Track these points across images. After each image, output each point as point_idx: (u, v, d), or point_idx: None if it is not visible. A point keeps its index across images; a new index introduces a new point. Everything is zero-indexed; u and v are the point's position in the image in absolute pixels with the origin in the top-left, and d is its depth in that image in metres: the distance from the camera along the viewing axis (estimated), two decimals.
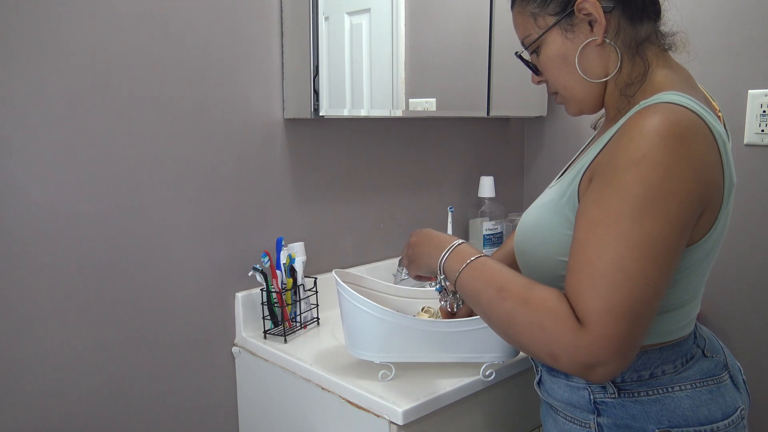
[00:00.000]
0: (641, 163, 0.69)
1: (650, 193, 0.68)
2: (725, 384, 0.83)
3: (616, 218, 0.69)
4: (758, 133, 1.38)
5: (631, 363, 0.70)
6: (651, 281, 0.68)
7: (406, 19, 1.40)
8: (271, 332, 1.26)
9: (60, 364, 1.09)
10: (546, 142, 1.86)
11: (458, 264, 0.82)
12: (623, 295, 0.67)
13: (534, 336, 0.73)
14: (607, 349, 0.67)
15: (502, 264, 0.82)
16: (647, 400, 0.80)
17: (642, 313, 0.68)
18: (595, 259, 0.69)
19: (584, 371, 0.69)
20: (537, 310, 0.73)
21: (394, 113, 1.42)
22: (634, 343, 0.68)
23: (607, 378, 0.69)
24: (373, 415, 0.99)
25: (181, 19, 1.16)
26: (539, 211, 0.85)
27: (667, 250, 0.68)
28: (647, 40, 0.81)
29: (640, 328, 0.68)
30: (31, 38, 1.00)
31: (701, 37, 1.45)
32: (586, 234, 0.71)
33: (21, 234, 1.03)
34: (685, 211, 0.69)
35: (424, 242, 0.91)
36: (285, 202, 1.36)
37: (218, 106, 1.23)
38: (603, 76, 0.82)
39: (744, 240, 1.43)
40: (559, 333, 0.70)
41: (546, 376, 0.91)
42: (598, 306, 0.68)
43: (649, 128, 0.70)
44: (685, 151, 0.69)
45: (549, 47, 0.83)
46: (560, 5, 0.81)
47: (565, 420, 0.87)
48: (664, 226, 0.68)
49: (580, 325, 0.69)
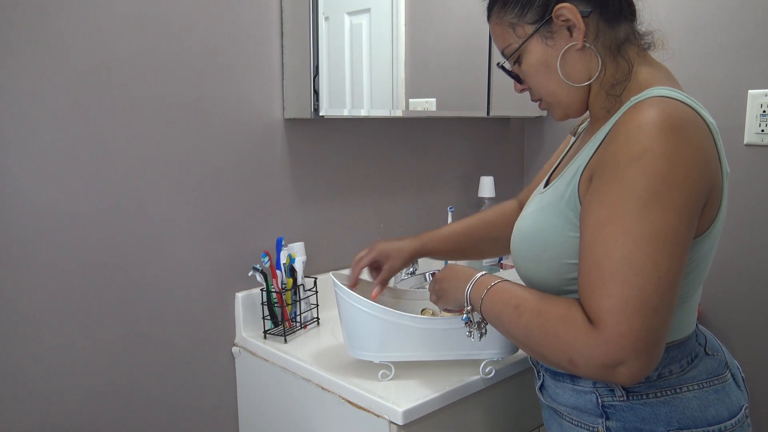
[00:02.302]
0: (642, 157, 0.68)
1: (655, 187, 0.68)
2: (729, 383, 0.83)
3: (623, 215, 0.68)
4: (758, 133, 1.38)
5: (658, 360, 0.69)
6: (663, 274, 0.67)
7: (406, 19, 1.40)
8: (271, 332, 1.26)
9: (60, 364, 1.09)
10: (546, 142, 1.86)
11: (481, 292, 0.85)
12: (635, 291, 0.67)
13: (551, 345, 0.73)
14: (623, 348, 0.66)
15: (520, 285, 0.83)
16: (656, 402, 0.79)
17: (658, 307, 0.67)
18: (604, 259, 0.69)
19: (606, 373, 0.69)
20: (549, 319, 0.74)
21: (394, 113, 1.42)
22: (654, 338, 0.67)
23: (635, 377, 0.68)
24: (373, 415, 0.99)
25: (181, 19, 1.16)
26: (535, 217, 0.85)
27: (676, 241, 0.68)
28: (627, 41, 0.82)
29: (660, 323, 0.67)
30: (31, 38, 1.00)
31: (701, 37, 1.45)
32: (594, 234, 0.71)
33: (21, 234, 1.03)
34: (692, 201, 0.69)
35: (451, 277, 0.94)
36: (285, 202, 1.36)
37: (218, 106, 1.23)
38: (586, 80, 0.82)
39: (744, 240, 1.43)
40: (572, 338, 0.70)
41: (549, 381, 0.90)
42: (609, 305, 0.67)
43: (646, 122, 0.70)
44: (685, 141, 0.69)
45: (530, 55, 0.83)
46: (538, 13, 0.81)
47: (572, 425, 0.86)
48: (671, 218, 0.68)
49: (593, 327, 0.68)
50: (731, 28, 1.40)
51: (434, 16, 1.47)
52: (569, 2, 0.79)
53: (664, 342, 0.69)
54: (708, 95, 1.44)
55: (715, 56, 1.43)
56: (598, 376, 0.70)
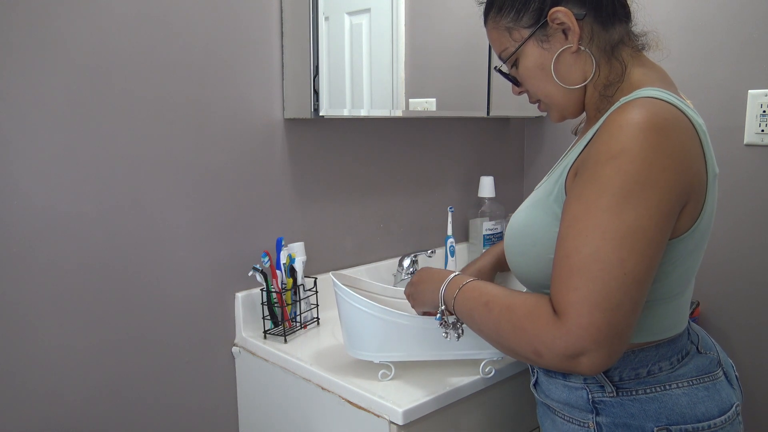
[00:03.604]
0: (620, 156, 0.70)
1: (628, 185, 0.69)
2: (720, 381, 0.84)
3: (595, 211, 0.70)
4: (758, 133, 1.39)
5: (619, 354, 0.71)
6: (629, 271, 0.68)
7: (406, 19, 1.40)
8: (271, 332, 1.26)
9: (60, 364, 1.09)
10: (546, 142, 1.86)
11: (453, 292, 0.88)
12: (599, 286, 0.68)
13: (518, 338, 0.76)
14: (584, 339, 0.68)
15: (491, 283, 0.86)
16: (645, 398, 0.80)
17: (621, 303, 0.68)
18: (573, 253, 0.71)
19: (568, 363, 0.70)
20: (518, 314, 0.76)
21: (394, 113, 1.42)
22: (615, 332, 0.69)
23: (595, 368, 0.70)
24: (373, 415, 0.99)
25: (181, 19, 1.16)
26: (527, 212, 0.87)
27: (646, 240, 0.69)
28: (621, 42, 0.83)
29: (621, 318, 0.69)
30: (31, 38, 1.00)
31: (701, 37, 1.45)
32: (567, 229, 0.73)
33: (21, 234, 1.03)
34: (666, 201, 0.70)
35: (425, 280, 0.96)
36: (285, 202, 1.36)
37: (218, 106, 1.23)
38: (581, 81, 0.84)
39: (744, 240, 1.43)
40: (538, 329, 0.73)
41: (542, 377, 0.91)
42: (573, 297, 0.69)
43: (628, 122, 0.71)
44: (665, 142, 0.70)
45: (527, 59, 0.85)
46: (533, 17, 0.83)
47: (564, 420, 0.87)
48: (642, 217, 0.69)
49: (558, 318, 0.71)
50: (731, 28, 1.40)
51: (434, 16, 1.47)
52: (564, 6, 0.80)
53: (626, 336, 0.70)
54: (708, 95, 1.44)
55: (715, 56, 1.43)
56: (560, 366, 0.72)
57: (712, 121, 1.42)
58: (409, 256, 1.50)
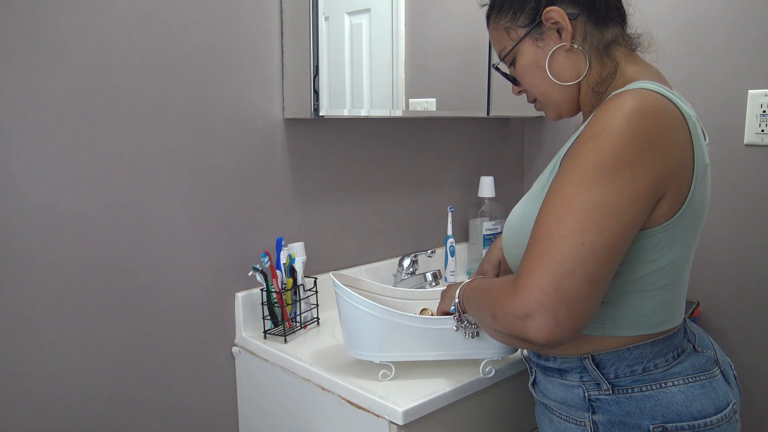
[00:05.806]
0: (600, 135, 0.72)
1: (602, 162, 0.71)
2: (717, 379, 0.84)
3: (566, 185, 0.73)
4: (758, 133, 1.39)
5: (570, 326, 0.70)
6: (587, 242, 0.70)
7: (406, 19, 1.40)
8: (271, 332, 1.26)
9: (60, 364, 1.09)
10: (546, 142, 1.86)
11: (464, 289, 0.94)
12: (553, 251, 0.70)
13: (485, 307, 0.81)
14: (529, 299, 0.70)
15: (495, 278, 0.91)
16: (641, 396, 0.81)
17: (573, 272, 0.69)
18: (540, 222, 0.74)
19: (517, 324, 0.72)
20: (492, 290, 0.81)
21: (394, 113, 1.42)
22: (561, 298, 0.69)
23: (542, 335, 0.70)
24: (373, 415, 0.99)
25: (181, 19, 1.16)
26: (523, 205, 0.89)
27: (611, 215, 0.70)
28: (614, 42, 0.86)
29: (572, 287, 0.69)
30: (31, 38, 1.00)
31: (701, 37, 1.45)
32: (542, 203, 0.76)
33: (21, 234, 1.03)
34: (641, 182, 0.71)
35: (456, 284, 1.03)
36: (285, 202, 1.36)
37: (218, 106, 1.23)
38: (575, 79, 0.87)
39: (744, 240, 1.43)
40: (497, 294, 0.77)
41: (540, 377, 0.92)
42: (527, 261, 0.73)
43: (615, 107, 0.73)
44: (648, 126, 0.72)
45: (523, 57, 0.89)
46: (529, 17, 0.87)
47: (561, 419, 0.88)
48: (611, 193, 0.70)
49: (513, 282, 0.74)
50: (731, 28, 1.40)
51: (434, 16, 1.47)
52: (558, 6, 0.84)
53: (577, 308, 0.70)
54: (708, 95, 1.44)
55: (715, 56, 1.43)
56: (512, 329, 0.73)
57: (712, 121, 1.42)
58: (409, 256, 1.50)
